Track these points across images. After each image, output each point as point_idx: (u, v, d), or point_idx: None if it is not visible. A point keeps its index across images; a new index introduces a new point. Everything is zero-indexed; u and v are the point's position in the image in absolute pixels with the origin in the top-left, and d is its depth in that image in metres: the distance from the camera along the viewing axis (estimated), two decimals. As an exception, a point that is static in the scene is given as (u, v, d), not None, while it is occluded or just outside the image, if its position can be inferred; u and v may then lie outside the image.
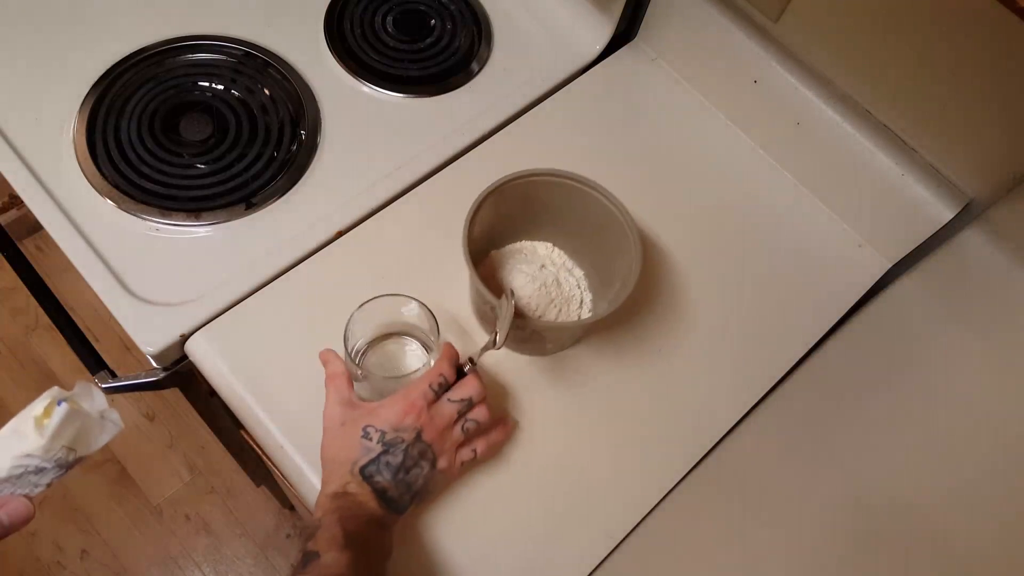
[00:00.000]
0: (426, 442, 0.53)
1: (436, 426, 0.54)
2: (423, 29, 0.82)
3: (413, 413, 0.53)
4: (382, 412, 0.53)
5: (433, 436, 0.54)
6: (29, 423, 0.46)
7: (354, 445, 0.53)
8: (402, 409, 0.53)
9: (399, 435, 0.52)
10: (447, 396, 0.55)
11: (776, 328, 0.69)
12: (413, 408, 0.53)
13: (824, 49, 0.67)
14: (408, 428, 0.53)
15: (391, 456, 0.52)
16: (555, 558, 0.59)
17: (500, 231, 0.66)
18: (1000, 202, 0.63)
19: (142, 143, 0.71)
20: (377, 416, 0.53)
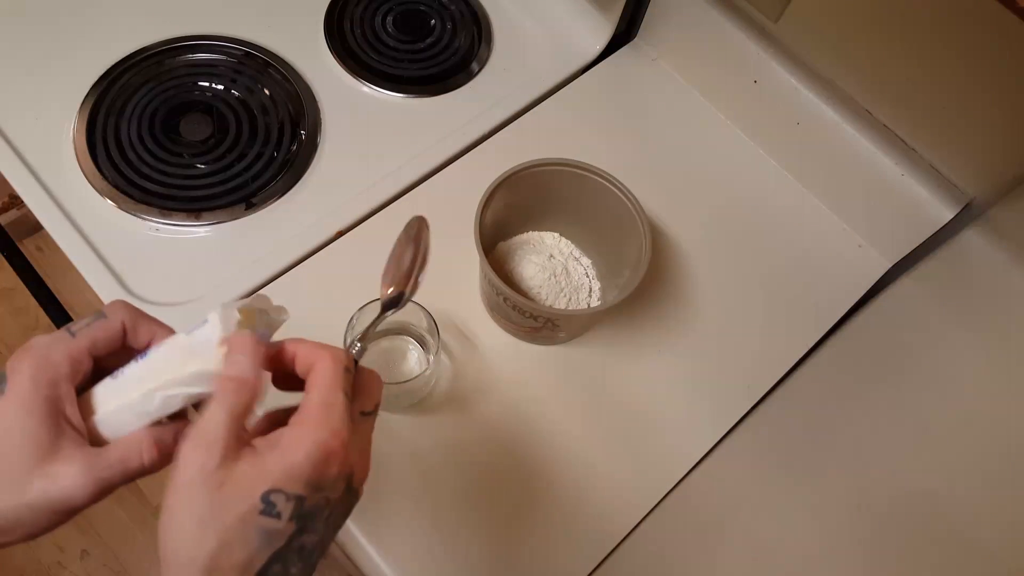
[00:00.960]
0: (356, 490, 0.36)
1: (367, 460, 0.37)
2: (423, 29, 0.82)
3: (338, 453, 0.33)
4: (292, 458, 0.32)
5: (363, 474, 0.36)
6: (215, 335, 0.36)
7: (242, 532, 0.31)
8: (322, 450, 0.33)
9: (323, 495, 0.33)
10: (359, 409, 0.37)
11: (776, 328, 0.69)
12: (337, 442, 0.33)
13: (824, 49, 0.67)
14: (335, 479, 0.34)
15: (308, 536, 0.33)
16: (556, 555, 0.59)
17: (508, 222, 0.67)
18: (1000, 202, 0.63)
19: (142, 143, 0.71)
20: (285, 470, 0.32)
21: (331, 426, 0.33)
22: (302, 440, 0.33)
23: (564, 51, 0.81)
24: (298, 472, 0.32)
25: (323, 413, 0.34)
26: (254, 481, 0.32)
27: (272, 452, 0.33)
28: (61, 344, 0.36)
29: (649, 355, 0.67)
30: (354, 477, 0.35)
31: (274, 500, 0.32)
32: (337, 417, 0.34)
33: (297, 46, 0.79)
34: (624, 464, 0.63)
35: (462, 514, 0.60)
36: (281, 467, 0.32)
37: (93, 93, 0.73)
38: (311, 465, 0.32)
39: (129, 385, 0.36)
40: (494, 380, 0.64)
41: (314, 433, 0.33)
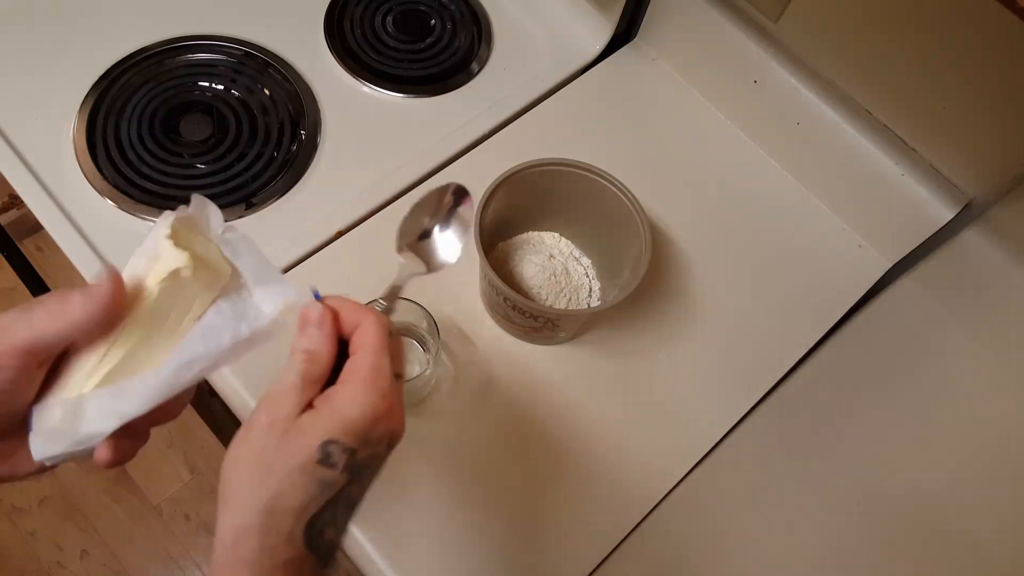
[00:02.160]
0: (390, 450, 0.37)
1: (402, 421, 0.38)
2: (423, 29, 0.82)
3: (385, 413, 0.35)
4: (348, 413, 0.34)
5: (400, 435, 0.38)
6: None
7: (300, 479, 0.33)
8: (375, 410, 0.35)
9: (371, 451, 0.35)
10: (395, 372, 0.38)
11: (776, 328, 0.69)
12: (386, 403, 0.35)
13: (824, 49, 0.67)
14: (381, 436, 0.36)
15: (356, 487, 0.36)
16: (558, 553, 0.59)
17: (508, 222, 0.67)
18: (1000, 202, 0.63)
19: (142, 143, 0.71)
20: (343, 423, 0.34)
21: (381, 388, 0.35)
22: (356, 398, 0.35)
23: (564, 51, 0.81)
24: (353, 427, 0.34)
25: (374, 375, 0.36)
26: (314, 431, 0.34)
27: (328, 407, 0.35)
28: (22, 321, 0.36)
29: (649, 355, 0.67)
30: (395, 436, 0.37)
31: (331, 451, 0.34)
32: (386, 380, 0.36)
33: (297, 46, 0.79)
34: (625, 464, 0.63)
35: (463, 513, 0.60)
36: (338, 421, 0.34)
37: (93, 93, 0.73)
38: (364, 422, 0.34)
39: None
40: (494, 380, 0.64)
41: (367, 394, 0.35)
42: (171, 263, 0.35)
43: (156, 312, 0.36)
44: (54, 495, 1.35)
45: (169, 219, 0.37)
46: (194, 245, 0.37)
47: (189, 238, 0.37)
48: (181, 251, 0.36)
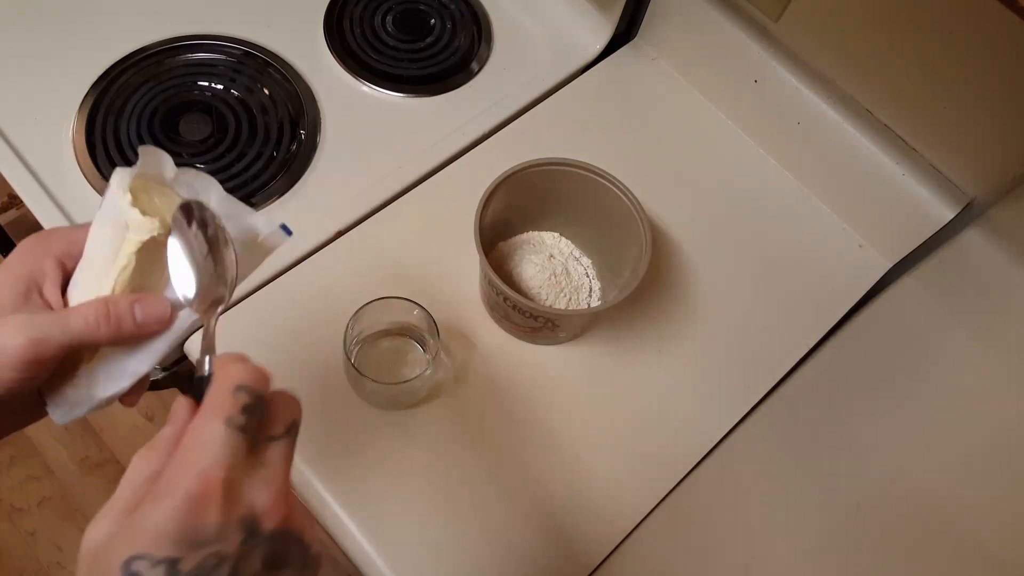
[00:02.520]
0: (280, 532, 0.29)
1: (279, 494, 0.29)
2: (423, 29, 0.82)
3: (214, 495, 0.27)
4: (151, 514, 0.27)
5: (283, 514, 0.29)
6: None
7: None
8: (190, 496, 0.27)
9: (209, 552, 0.27)
10: (273, 434, 0.31)
11: (776, 328, 0.69)
12: (208, 484, 0.27)
13: (824, 49, 0.67)
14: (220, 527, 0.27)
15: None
16: (557, 554, 0.59)
17: (507, 222, 0.67)
18: (1001, 202, 0.63)
19: (142, 143, 0.71)
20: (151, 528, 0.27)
21: (199, 465, 0.28)
22: (167, 486, 0.27)
23: (564, 51, 0.81)
24: (161, 529, 0.26)
25: (189, 452, 0.28)
26: (115, 551, 0.27)
27: (143, 506, 0.28)
28: (64, 229, 0.37)
29: (649, 355, 0.67)
30: (260, 519, 0.28)
31: (136, 569, 0.26)
32: (208, 453, 0.28)
33: (297, 46, 0.78)
34: (625, 464, 0.63)
35: (462, 513, 0.60)
36: (140, 528, 0.27)
37: (92, 93, 0.73)
38: (178, 517, 0.26)
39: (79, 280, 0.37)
40: (494, 380, 0.64)
41: (175, 478, 0.27)
42: (143, 232, 0.35)
43: (139, 278, 0.36)
44: (54, 495, 1.35)
45: (125, 179, 0.36)
46: (155, 198, 0.37)
47: (148, 191, 0.37)
48: (150, 218, 0.35)
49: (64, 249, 0.37)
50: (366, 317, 0.59)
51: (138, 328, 0.35)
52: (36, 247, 0.37)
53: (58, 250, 0.37)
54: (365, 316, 0.59)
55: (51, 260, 0.36)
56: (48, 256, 0.36)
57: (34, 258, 0.36)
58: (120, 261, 0.36)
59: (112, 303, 0.35)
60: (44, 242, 0.37)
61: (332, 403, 0.62)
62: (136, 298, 0.35)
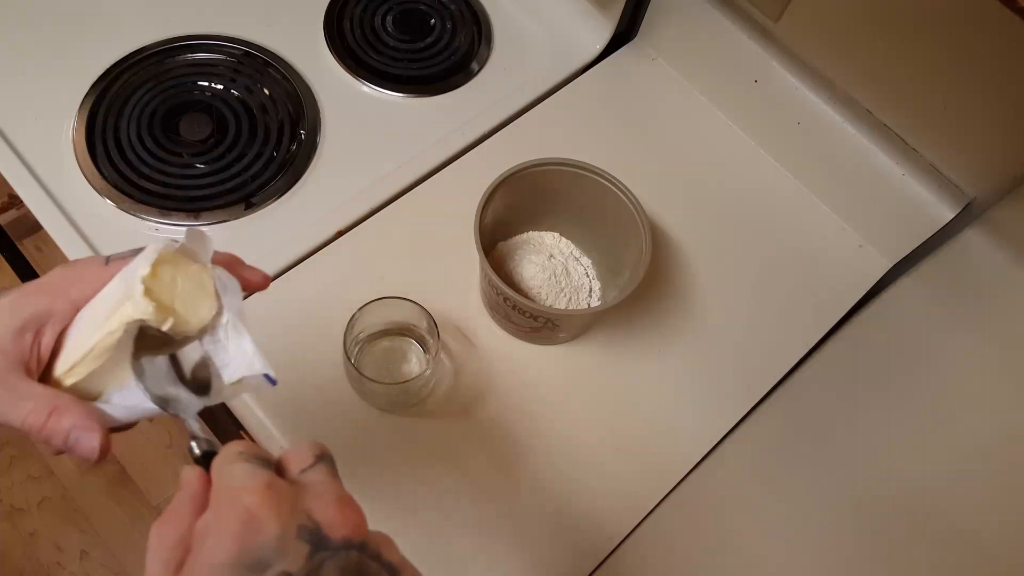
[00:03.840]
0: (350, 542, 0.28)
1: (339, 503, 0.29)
2: (423, 29, 0.82)
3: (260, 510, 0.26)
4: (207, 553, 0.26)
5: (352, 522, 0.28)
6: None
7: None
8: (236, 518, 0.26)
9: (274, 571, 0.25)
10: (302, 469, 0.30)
11: (776, 328, 0.69)
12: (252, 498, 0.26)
13: (824, 49, 0.67)
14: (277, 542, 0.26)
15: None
16: (556, 554, 0.59)
17: (507, 222, 0.67)
18: (1001, 202, 0.63)
19: (141, 143, 0.71)
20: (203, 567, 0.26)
21: (236, 491, 0.27)
22: (211, 525, 0.27)
23: (564, 51, 0.81)
24: (219, 560, 0.25)
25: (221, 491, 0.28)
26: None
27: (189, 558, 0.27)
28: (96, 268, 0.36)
29: (649, 355, 0.67)
30: (324, 529, 0.27)
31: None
32: (238, 478, 0.27)
33: (297, 46, 0.78)
34: (624, 464, 0.63)
35: (462, 513, 0.60)
36: (202, 567, 0.26)
37: (92, 93, 0.73)
38: (232, 543, 0.25)
39: (80, 325, 0.36)
40: (494, 380, 0.64)
41: (218, 512, 0.27)
42: (137, 311, 0.35)
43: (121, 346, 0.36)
44: (54, 496, 1.35)
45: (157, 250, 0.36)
46: (179, 280, 0.37)
47: (180, 268, 0.37)
48: (148, 302, 0.35)
49: (86, 294, 0.36)
50: (366, 317, 0.59)
51: (64, 449, 0.35)
52: (57, 285, 0.36)
53: (78, 293, 0.36)
54: (365, 316, 0.59)
55: (66, 302, 0.36)
56: (65, 298, 0.36)
57: (50, 296, 0.36)
58: (111, 326, 0.35)
59: (56, 415, 0.34)
60: (68, 280, 0.36)
61: (332, 403, 0.62)
62: (77, 426, 0.34)
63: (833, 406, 0.66)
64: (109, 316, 0.35)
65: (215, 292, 0.38)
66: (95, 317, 0.36)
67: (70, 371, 0.36)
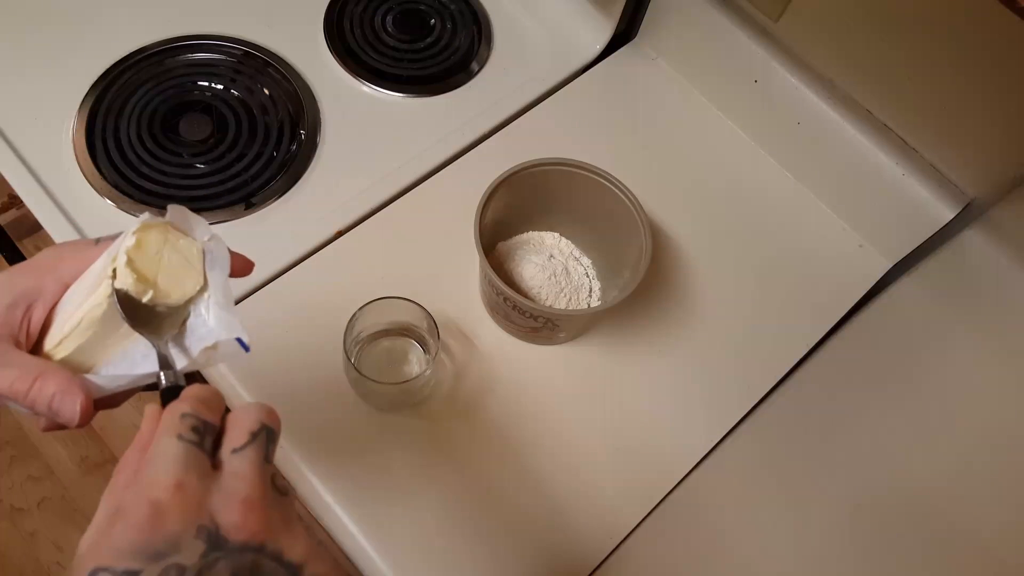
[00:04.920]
0: (245, 544, 0.28)
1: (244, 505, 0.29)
2: (423, 29, 0.82)
3: (169, 505, 0.28)
4: (114, 529, 0.28)
5: (252, 526, 0.29)
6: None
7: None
8: (144, 508, 0.28)
9: (168, 563, 0.27)
10: (231, 446, 0.31)
11: (776, 328, 0.69)
12: (163, 493, 0.28)
13: (824, 49, 0.67)
14: (178, 537, 0.27)
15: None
16: (555, 555, 0.59)
17: (507, 222, 0.67)
18: (1001, 202, 0.63)
19: (141, 143, 0.71)
20: (114, 541, 0.28)
21: (153, 479, 0.28)
22: (128, 501, 0.28)
23: (564, 51, 0.81)
24: (123, 541, 0.27)
25: (146, 467, 0.29)
26: (87, 560, 0.28)
27: (113, 518, 0.29)
28: (84, 248, 0.38)
29: (649, 355, 0.67)
30: (225, 530, 0.28)
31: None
32: (161, 466, 0.29)
33: (297, 46, 0.78)
34: (624, 464, 0.63)
35: (461, 513, 0.60)
36: (112, 538, 0.28)
37: (92, 93, 0.73)
38: (136, 529, 0.27)
39: (67, 301, 0.38)
40: (494, 380, 0.64)
41: (136, 492, 0.28)
42: (119, 281, 0.36)
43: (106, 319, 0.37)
44: (54, 496, 1.35)
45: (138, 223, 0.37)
46: (166, 253, 0.38)
47: (168, 242, 0.38)
48: (129, 272, 0.36)
49: (75, 272, 0.38)
50: (366, 317, 0.59)
51: (47, 414, 0.36)
52: (47, 264, 0.37)
53: (67, 272, 0.37)
54: (365, 316, 0.59)
55: (55, 281, 0.37)
56: (54, 276, 0.37)
57: (39, 274, 0.37)
58: (95, 299, 0.37)
59: (40, 381, 0.35)
60: (57, 259, 0.38)
61: (332, 403, 0.62)
62: (60, 391, 0.35)
63: (833, 406, 0.66)
64: (94, 290, 0.37)
65: (202, 267, 0.38)
66: (81, 292, 0.37)
67: (58, 345, 0.37)
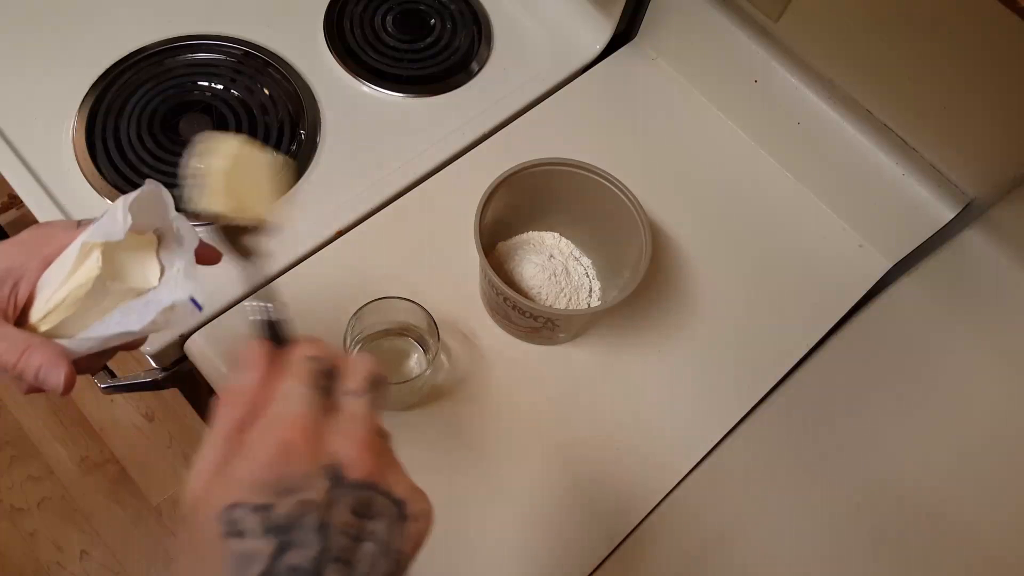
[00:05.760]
0: (361, 482, 0.30)
1: (360, 445, 0.31)
2: (423, 29, 0.82)
3: (297, 443, 0.29)
4: (244, 465, 0.29)
5: (368, 465, 0.30)
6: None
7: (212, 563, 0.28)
8: (276, 445, 0.29)
9: (296, 499, 0.28)
10: (348, 390, 0.33)
11: (776, 328, 0.69)
12: (292, 432, 0.30)
13: (824, 49, 0.67)
14: (304, 474, 0.29)
15: (297, 553, 0.28)
16: (555, 555, 0.59)
17: (507, 222, 0.67)
18: (1001, 202, 0.63)
19: (141, 143, 0.71)
20: (234, 479, 0.29)
21: (284, 417, 0.30)
22: (251, 443, 0.30)
23: (564, 51, 0.81)
24: (255, 477, 0.28)
25: (272, 407, 0.31)
26: (212, 501, 0.28)
27: (236, 459, 0.29)
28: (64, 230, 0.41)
29: (649, 355, 0.67)
30: (343, 467, 0.30)
31: (236, 517, 0.28)
32: (290, 406, 0.30)
33: (297, 46, 0.78)
34: (624, 464, 0.63)
35: (460, 514, 0.60)
36: (235, 479, 0.29)
37: (92, 93, 0.73)
38: (267, 466, 0.28)
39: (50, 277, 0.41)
40: (494, 380, 0.64)
41: (263, 431, 0.30)
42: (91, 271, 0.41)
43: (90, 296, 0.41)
44: (54, 496, 1.35)
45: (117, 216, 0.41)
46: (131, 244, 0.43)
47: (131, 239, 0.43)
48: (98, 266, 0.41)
49: (56, 251, 0.41)
50: (366, 317, 0.59)
51: (35, 383, 0.39)
52: (31, 243, 0.41)
53: (49, 251, 0.41)
54: (365, 316, 0.59)
55: (38, 260, 0.40)
56: (37, 256, 0.40)
57: (25, 255, 0.40)
58: (79, 279, 0.40)
59: (28, 354, 0.38)
60: (40, 240, 0.41)
61: (332, 403, 0.62)
62: (44, 363, 0.38)
63: (833, 406, 0.66)
64: (74, 271, 0.41)
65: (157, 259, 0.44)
66: (62, 271, 0.41)
67: (44, 319, 0.41)
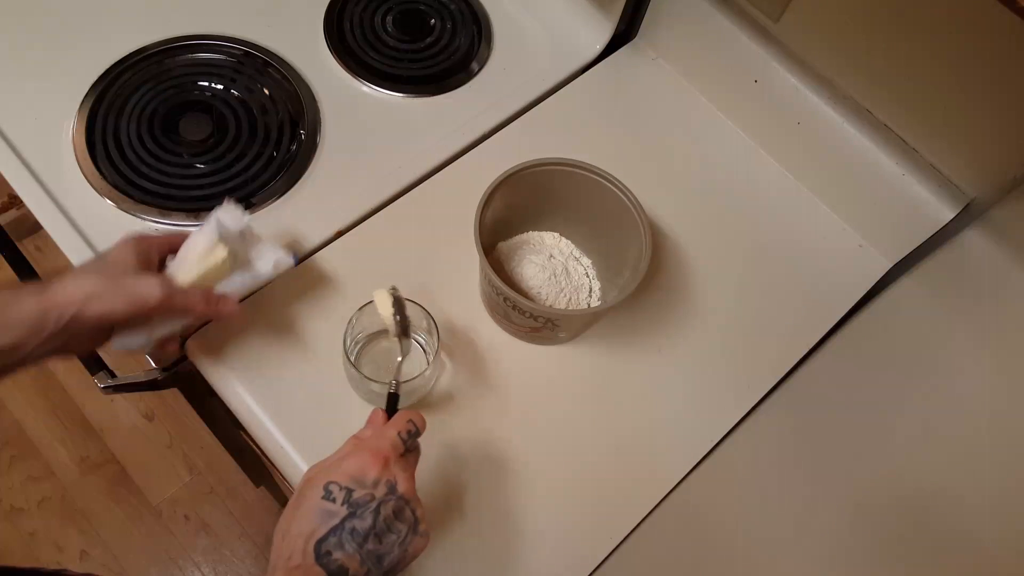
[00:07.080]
0: (403, 497, 0.47)
1: (409, 475, 0.48)
2: (423, 29, 0.82)
3: (378, 464, 0.46)
4: (344, 464, 0.46)
5: (410, 491, 0.47)
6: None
7: (309, 510, 0.45)
8: (367, 460, 0.46)
9: (368, 491, 0.45)
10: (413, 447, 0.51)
11: (776, 328, 0.69)
12: (378, 458, 0.46)
13: (824, 49, 0.67)
14: (377, 482, 0.46)
15: (358, 520, 0.44)
16: (554, 555, 0.59)
17: (507, 222, 0.67)
18: (1001, 202, 0.63)
19: (141, 143, 0.71)
20: (339, 470, 0.46)
21: (375, 446, 0.47)
22: (356, 451, 0.47)
23: (564, 51, 0.81)
24: (347, 472, 0.46)
25: (375, 439, 0.48)
26: (323, 478, 0.46)
27: (336, 460, 0.47)
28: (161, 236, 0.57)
29: (649, 355, 0.67)
30: (397, 484, 0.46)
31: (331, 489, 0.45)
32: (386, 443, 0.47)
33: (297, 46, 0.79)
34: (624, 463, 0.63)
35: (460, 513, 0.60)
36: (338, 470, 0.46)
37: (92, 93, 0.73)
38: (356, 470, 0.46)
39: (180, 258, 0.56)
40: (494, 380, 0.64)
41: (360, 452, 0.47)
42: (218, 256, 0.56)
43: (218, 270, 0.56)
44: (54, 496, 1.35)
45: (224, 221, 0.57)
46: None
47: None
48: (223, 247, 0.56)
49: (165, 248, 0.56)
50: (366, 317, 0.59)
51: (216, 314, 0.55)
52: (143, 240, 0.54)
53: (159, 246, 0.56)
54: (365, 316, 0.59)
55: (156, 250, 0.55)
56: (154, 248, 0.55)
57: (146, 245, 0.54)
58: (210, 262, 0.55)
59: (209, 293, 0.55)
60: (148, 238, 0.55)
61: (332, 403, 0.62)
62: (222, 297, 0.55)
63: (833, 405, 0.66)
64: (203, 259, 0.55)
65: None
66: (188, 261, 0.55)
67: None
